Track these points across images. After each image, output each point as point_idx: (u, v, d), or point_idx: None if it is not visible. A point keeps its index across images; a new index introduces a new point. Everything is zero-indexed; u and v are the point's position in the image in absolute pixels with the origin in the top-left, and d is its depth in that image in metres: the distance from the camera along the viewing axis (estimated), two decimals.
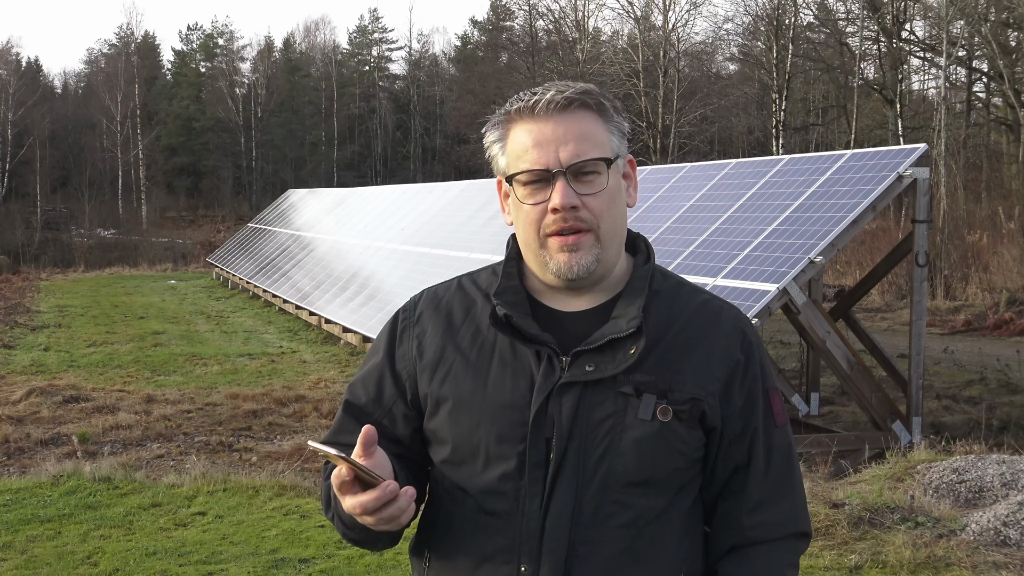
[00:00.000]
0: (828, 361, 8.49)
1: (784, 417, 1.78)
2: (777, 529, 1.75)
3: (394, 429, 1.80)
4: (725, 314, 1.77)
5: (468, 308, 1.79)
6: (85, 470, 7.45)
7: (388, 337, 1.84)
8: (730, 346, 1.73)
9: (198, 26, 79.61)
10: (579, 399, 1.65)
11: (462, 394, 1.71)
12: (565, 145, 1.65)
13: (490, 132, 1.75)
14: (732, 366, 1.72)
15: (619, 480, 1.64)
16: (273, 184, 56.08)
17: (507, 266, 1.78)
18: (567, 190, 1.64)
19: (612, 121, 1.71)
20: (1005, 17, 29.82)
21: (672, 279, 1.80)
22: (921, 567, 5.33)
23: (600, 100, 1.70)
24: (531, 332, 1.68)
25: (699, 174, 10.89)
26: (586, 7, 41.21)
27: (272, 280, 20.99)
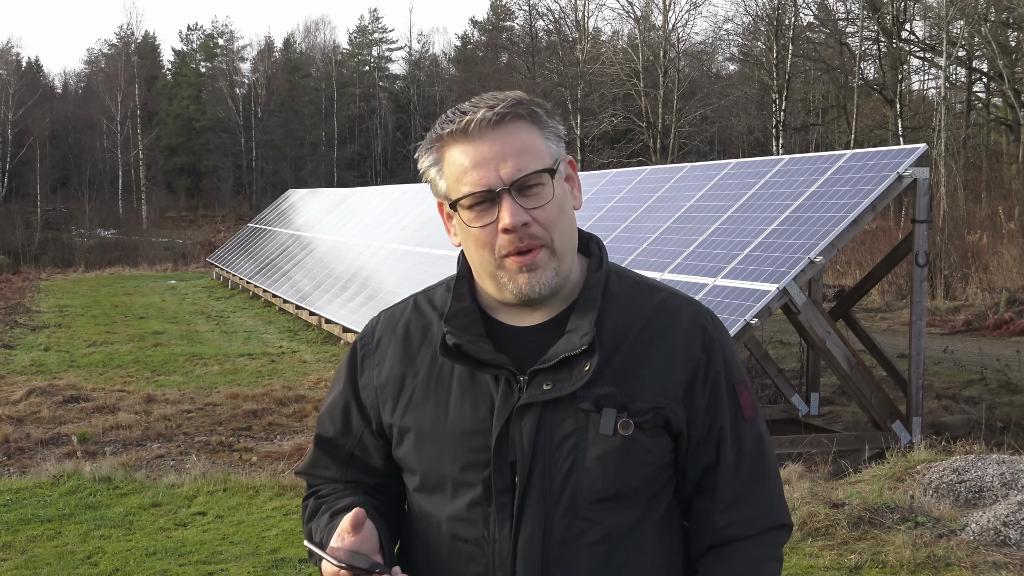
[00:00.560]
0: (828, 361, 8.49)
1: (753, 410, 1.74)
2: (752, 525, 1.72)
3: (367, 459, 1.78)
4: (684, 311, 1.73)
5: (425, 330, 1.75)
6: (85, 470, 7.45)
7: (348, 367, 1.80)
8: (690, 345, 1.69)
9: (198, 26, 79.65)
10: (539, 419, 1.62)
11: (424, 424, 1.68)
12: (504, 162, 1.61)
13: (424, 157, 1.70)
14: (693, 366, 1.68)
15: (587, 498, 1.62)
16: (273, 184, 56.09)
17: (458, 285, 1.73)
18: (515, 208, 1.60)
19: (547, 127, 1.67)
20: (1005, 17, 29.82)
21: (628, 279, 1.76)
22: (921, 567, 5.33)
23: (532, 108, 1.66)
24: (483, 357, 1.65)
25: (699, 174, 10.89)
26: (586, 7, 41.26)
27: (272, 280, 21.00)
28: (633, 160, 35.65)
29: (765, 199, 9.28)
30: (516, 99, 1.65)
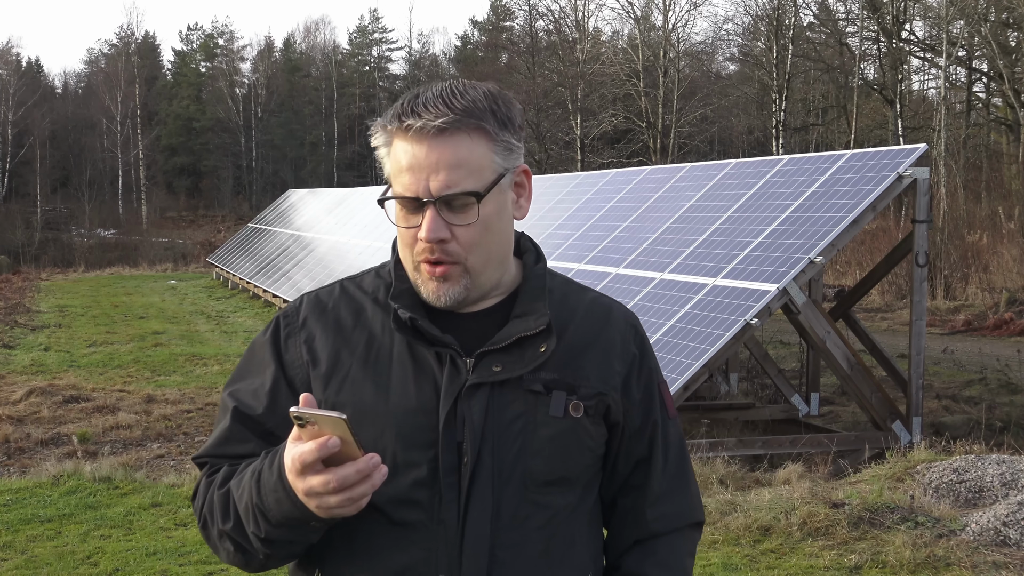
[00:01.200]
0: (828, 361, 8.49)
1: (674, 410, 1.81)
2: (677, 520, 1.77)
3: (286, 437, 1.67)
4: (616, 311, 1.77)
5: (357, 313, 1.72)
6: (85, 470, 7.46)
7: (272, 344, 1.73)
8: (625, 341, 1.73)
9: (198, 26, 79.66)
10: (488, 400, 1.61)
11: (363, 401, 1.64)
12: (436, 174, 1.57)
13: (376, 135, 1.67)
14: (630, 360, 1.73)
15: (536, 479, 1.62)
16: (273, 184, 56.11)
17: (397, 268, 1.71)
18: (434, 223, 1.58)
19: (498, 140, 1.61)
20: (1005, 17, 29.82)
21: (559, 278, 1.77)
22: (921, 567, 5.33)
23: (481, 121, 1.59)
24: (433, 334, 1.63)
25: (699, 174, 10.89)
26: (586, 7, 41.27)
27: (272, 280, 21.00)
28: (633, 160, 35.65)
29: (765, 199, 9.28)
30: (467, 107, 1.59)
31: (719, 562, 5.57)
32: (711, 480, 7.00)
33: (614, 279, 9.92)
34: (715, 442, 7.85)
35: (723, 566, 5.52)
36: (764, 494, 6.56)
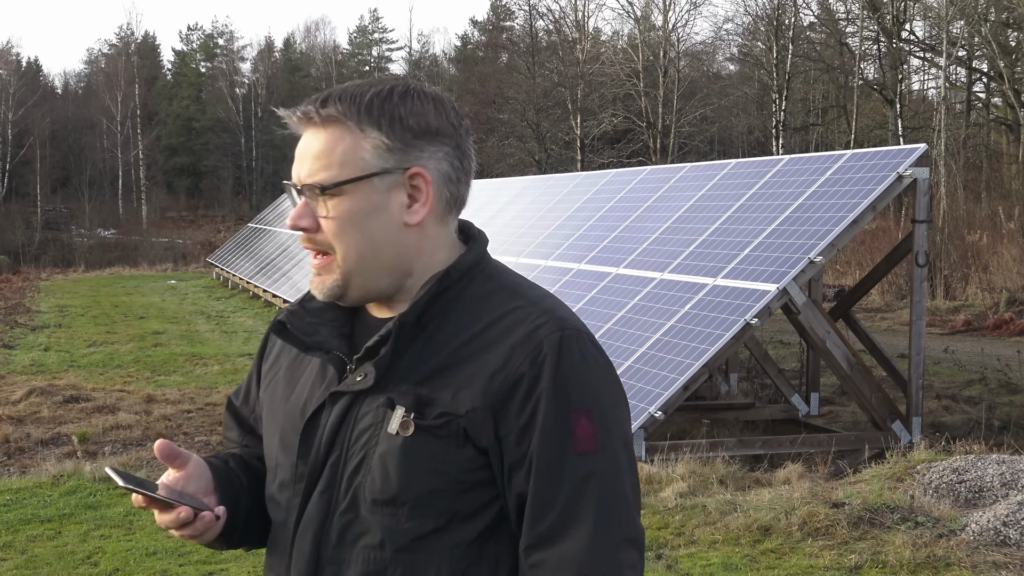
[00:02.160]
0: (828, 361, 8.49)
1: (589, 443, 1.51)
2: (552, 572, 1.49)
3: (259, 429, 1.79)
4: (527, 324, 1.54)
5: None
6: (85, 470, 7.46)
7: (263, 340, 1.84)
8: (515, 358, 1.51)
9: (198, 26, 79.69)
10: (347, 409, 1.57)
11: (273, 400, 1.71)
12: (303, 162, 1.58)
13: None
14: (513, 380, 1.50)
15: (367, 498, 1.53)
16: (273, 184, 56.12)
17: None
18: (300, 210, 1.58)
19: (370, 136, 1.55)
20: (1005, 17, 29.83)
21: (495, 283, 1.62)
22: (921, 567, 5.33)
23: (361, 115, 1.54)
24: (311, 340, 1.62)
25: (699, 174, 10.89)
26: (586, 7, 41.30)
27: (272, 280, 21.00)
28: (633, 160, 35.64)
29: (765, 199, 9.28)
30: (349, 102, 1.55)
31: (719, 562, 5.57)
32: (711, 480, 7.00)
33: (614, 279, 9.92)
34: (715, 442, 7.85)
35: (723, 566, 5.52)
36: (764, 494, 6.56)
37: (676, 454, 7.42)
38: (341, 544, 1.55)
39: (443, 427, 1.51)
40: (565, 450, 1.50)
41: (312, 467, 1.58)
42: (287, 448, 1.63)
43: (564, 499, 1.50)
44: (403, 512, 1.52)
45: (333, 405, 1.59)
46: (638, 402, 7.60)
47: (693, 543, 5.89)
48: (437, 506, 1.52)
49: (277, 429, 1.67)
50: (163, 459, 1.58)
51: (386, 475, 1.52)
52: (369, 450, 1.54)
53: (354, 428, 1.56)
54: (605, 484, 1.51)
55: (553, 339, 1.53)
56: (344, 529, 1.55)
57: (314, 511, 1.57)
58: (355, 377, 1.58)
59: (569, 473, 1.50)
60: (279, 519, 1.64)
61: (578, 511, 1.50)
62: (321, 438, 1.58)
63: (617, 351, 8.42)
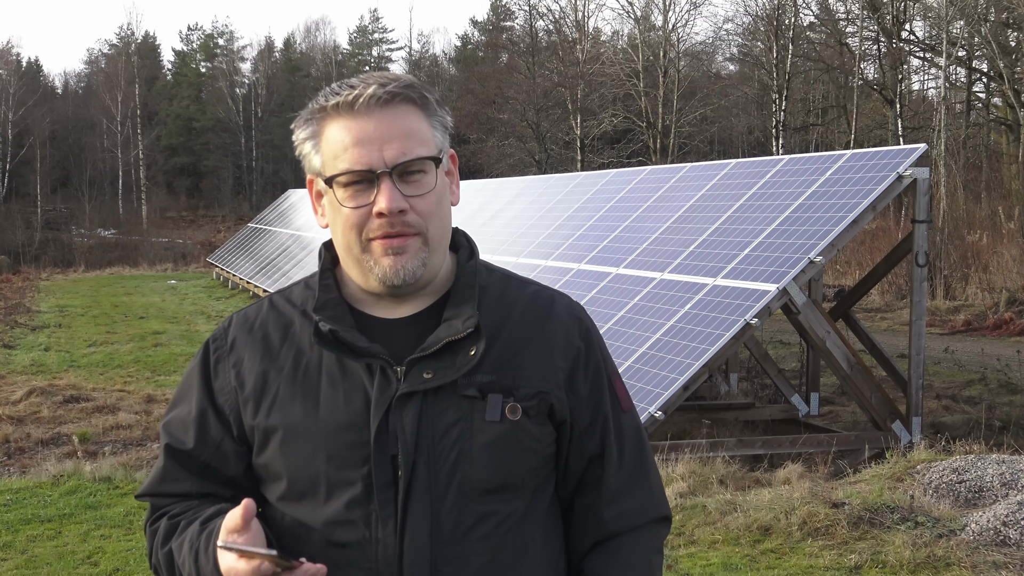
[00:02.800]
0: (828, 361, 8.49)
1: (629, 401, 1.71)
2: (637, 517, 1.67)
3: (225, 470, 1.65)
4: (558, 303, 1.69)
5: (286, 328, 1.65)
6: (85, 470, 7.46)
7: (201, 371, 1.67)
8: (568, 334, 1.65)
9: (198, 26, 79.70)
10: (421, 409, 1.54)
11: (292, 422, 1.57)
12: (389, 143, 1.53)
13: (301, 128, 1.61)
14: (574, 355, 1.64)
15: (475, 488, 1.55)
16: (273, 184, 56.10)
17: (323, 278, 1.66)
18: (394, 192, 1.53)
19: (435, 115, 1.60)
20: (1005, 17, 29.82)
21: (497, 273, 1.70)
22: (921, 567, 5.33)
23: (423, 93, 1.58)
24: (359, 345, 1.56)
25: (699, 174, 10.89)
26: (586, 7, 41.27)
27: (272, 280, 21.00)
28: (633, 160, 35.64)
29: (765, 199, 9.28)
30: (408, 81, 1.58)
31: (719, 562, 5.57)
32: (711, 480, 7.00)
33: (614, 279, 9.92)
34: (715, 442, 7.85)
35: (723, 566, 5.52)
36: (764, 494, 6.56)
37: (676, 454, 7.42)
38: (454, 540, 1.55)
39: (536, 406, 1.59)
40: (618, 410, 1.69)
41: (404, 472, 1.53)
42: (346, 465, 1.55)
43: (629, 453, 1.69)
44: (510, 495, 1.58)
45: (402, 408, 1.55)
46: (638, 402, 7.60)
47: (693, 543, 5.89)
48: (530, 484, 1.61)
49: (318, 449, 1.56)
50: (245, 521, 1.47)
51: (495, 463, 1.56)
52: (465, 443, 1.55)
53: (435, 426, 1.55)
54: (644, 435, 1.74)
55: (585, 316, 1.71)
56: (455, 524, 1.55)
57: (420, 514, 1.53)
58: (420, 376, 1.55)
59: (626, 429, 1.69)
60: (352, 539, 1.54)
61: (642, 461, 1.70)
62: (406, 442, 1.53)
63: (617, 351, 8.42)
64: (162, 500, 1.68)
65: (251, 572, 1.45)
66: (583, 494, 1.68)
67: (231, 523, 1.48)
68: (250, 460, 1.65)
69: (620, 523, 1.66)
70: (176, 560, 1.60)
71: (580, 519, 1.68)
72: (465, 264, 1.66)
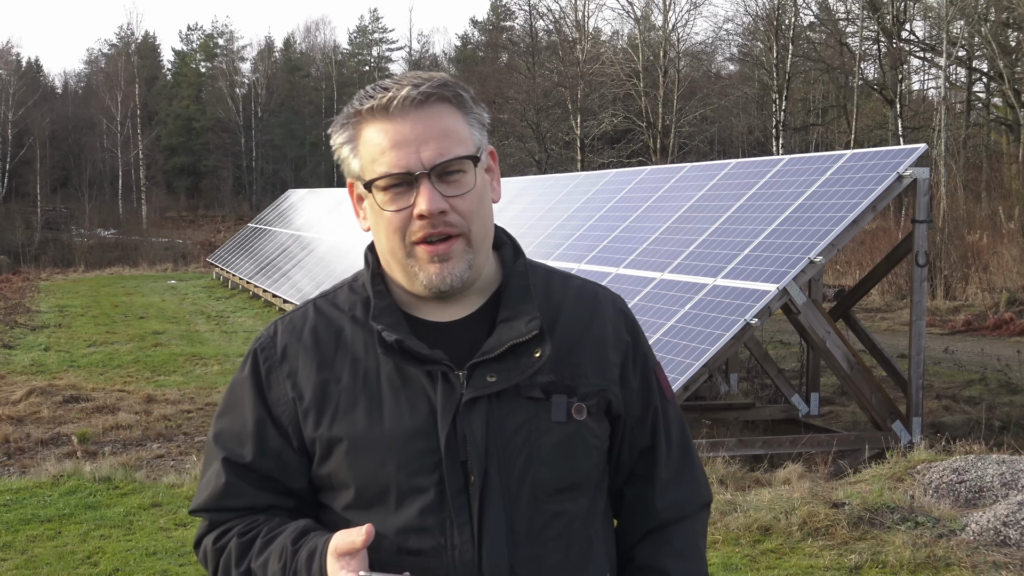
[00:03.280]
0: (828, 361, 8.49)
1: (671, 392, 1.75)
2: (687, 505, 1.72)
3: (287, 481, 1.63)
4: (603, 297, 1.70)
5: (337, 335, 1.62)
6: (85, 470, 7.46)
7: (252, 381, 1.63)
8: (617, 329, 1.67)
9: (198, 26, 79.71)
10: (487, 413, 1.54)
11: (357, 432, 1.55)
12: (427, 144, 1.52)
13: (338, 133, 1.61)
14: (624, 349, 1.66)
15: (546, 489, 1.56)
16: (273, 184, 56.10)
17: (374, 283, 1.63)
18: (433, 194, 1.52)
19: (471, 113, 1.59)
20: (1005, 17, 29.82)
21: (540, 269, 1.69)
22: (921, 567, 5.33)
23: (458, 92, 1.57)
24: (423, 353, 1.54)
25: (699, 174, 10.89)
26: (586, 7, 41.26)
27: (272, 280, 21.00)
28: (633, 160, 35.64)
29: (765, 199, 9.28)
30: (442, 80, 1.57)
31: (719, 562, 5.57)
32: (711, 480, 7.00)
33: (614, 279, 9.92)
34: (715, 442, 7.85)
35: (723, 566, 5.52)
36: (764, 494, 6.56)
37: None
38: (530, 541, 1.56)
39: (598, 404, 1.61)
40: (664, 400, 1.72)
41: (477, 477, 1.53)
42: (415, 472, 1.54)
43: (677, 442, 1.72)
44: (578, 493, 1.61)
45: (469, 412, 1.54)
46: None
47: None
48: (594, 480, 1.64)
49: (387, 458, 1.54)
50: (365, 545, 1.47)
51: (564, 463, 1.58)
52: (533, 444, 1.56)
53: (502, 429, 1.55)
54: (686, 423, 1.77)
55: (626, 308, 1.73)
56: (529, 526, 1.56)
57: (495, 517, 1.54)
58: (484, 379, 1.55)
59: (672, 419, 1.73)
60: (426, 546, 1.53)
61: (688, 449, 1.74)
62: (476, 447, 1.53)
63: None
64: (222, 515, 1.65)
65: None
66: (634, 485, 1.71)
67: (345, 546, 1.48)
68: (310, 471, 1.62)
69: (671, 512, 1.70)
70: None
71: (631, 509, 1.72)
72: (513, 263, 1.65)
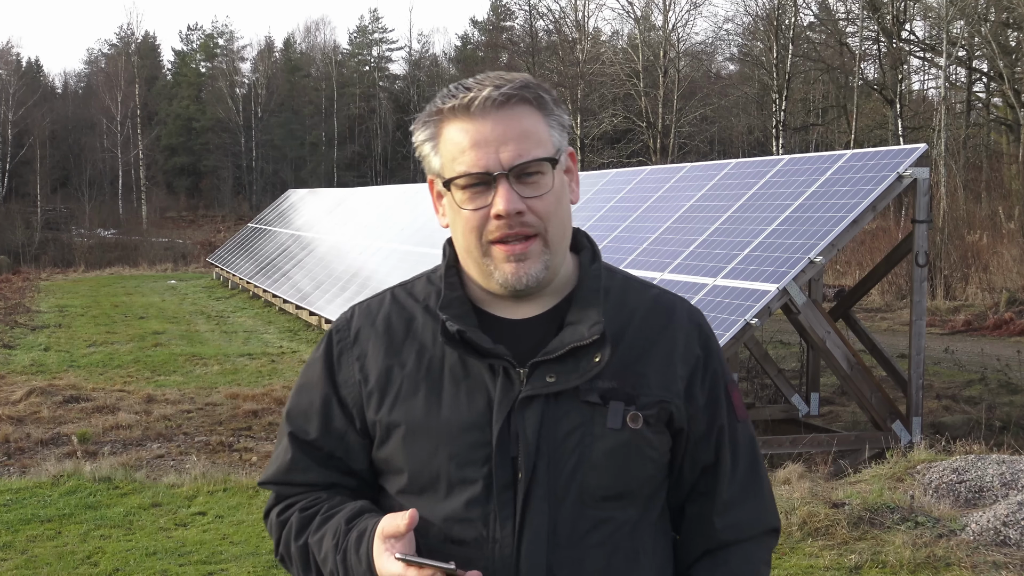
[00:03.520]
0: (828, 361, 8.49)
1: (744, 411, 1.71)
2: (749, 528, 1.68)
3: (349, 461, 1.67)
4: (679, 309, 1.68)
5: (408, 323, 1.66)
6: (85, 470, 7.45)
7: (324, 361, 1.69)
8: (689, 342, 1.65)
9: (198, 26, 79.71)
10: (543, 412, 1.55)
11: (415, 418, 1.59)
12: (506, 145, 1.54)
13: (420, 130, 1.63)
14: (693, 363, 1.64)
15: (593, 495, 1.56)
16: (273, 184, 56.09)
17: (448, 275, 1.67)
18: (511, 194, 1.54)
19: (552, 115, 1.60)
20: (1005, 17, 29.81)
21: (619, 275, 1.70)
22: (921, 567, 5.33)
23: (539, 93, 1.59)
24: (485, 346, 1.57)
25: (699, 174, 10.89)
26: (586, 7, 41.26)
27: (272, 280, 20.99)
28: (633, 160, 35.64)
29: (765, 199, 9.28)
30: (523, 81, 1.59)
31: None
32: None
33: None
34: None
35: None
36: None
37: None
38: (571, 544, 1.56)
39: (656, 415, 1.59)
40: (733, 419, 1.69)
41: (524, 474, 1.54)
42: (468, 464, 1.56)
43: (743, 463, 1.69)
44: (627, 502, 1.59)
45: (524, 410, 1.55)
46: None
47: None
48: (647, 491, 1.62)
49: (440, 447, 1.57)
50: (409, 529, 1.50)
51: (615, 470, 1.57)
52: (585, 449, 1.55)
53: (556, 430, 1.55)
54: (758, 445, 1.73)
55: (705, 323, 1.71)
56: (573, 528, 1.56)
57: (538, 517, 1.54)
58: (543, 379, 1.56)
59: (741, 439, 1.69)
60: (470, 537, 1.56)
61: (754, 472, 1.70)
62: (527, 444, 1.54)
63: None
64: (287, 489, 1.70)
65: None
66: (695, 502, 1.69)
67: (391, 529, 1.50)
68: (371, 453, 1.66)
69: (731, 533, 1.67)
70: (315, 555, 1.62)
71: (691, 527, 1.69)
72: (588, 267, 1.66)
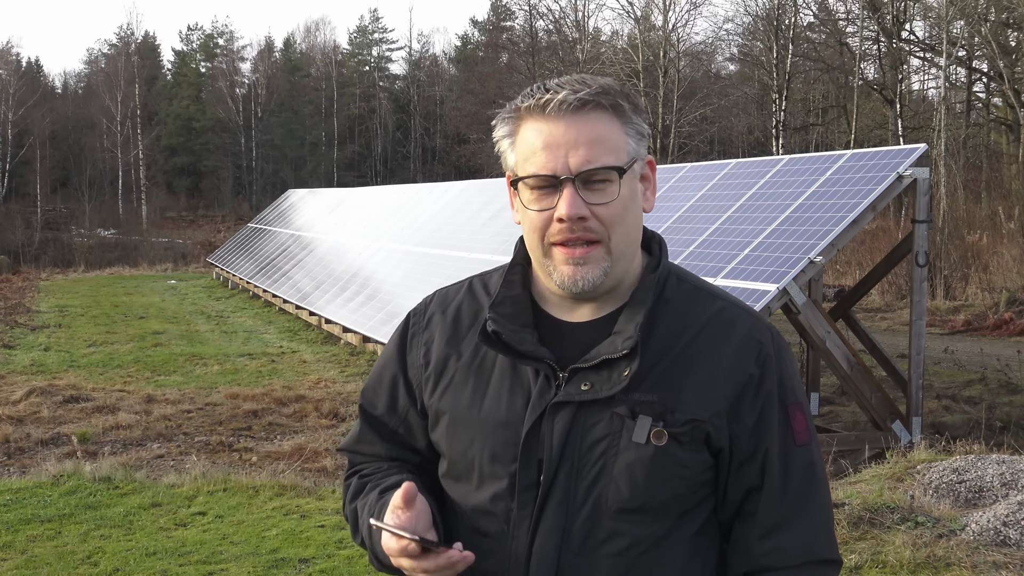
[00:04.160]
0: (828, 361, 8.49)
1: (807, 435, 1.64)
2: (793, 556, 1.60)
3: (411, 439, 1.75)
4: (740, 324, 1.63)
5: (476, 314, 1.70)
6: (85, 470, 7.45)
7: (399, 342, 1.77)
8: (742, 360, 1.60)
9: (198, 26, 79.70)
10: (572, 420, 1.56)
11: (459, 408, 1.64)
12: (576, 150, 1.55)
13: (500, 126, 1.66)
14: (743, 382, 1.59)
15: (610, 507, 1.56)
16: (273, 184, 56.10)
17: (510, 272, 1.69)
18: (575, 199, 1.54)
19: (630, 123, 1.60)
20: (1005, 17, 29.81)
21: (688, 284, 1.67)
22: (921, 567, 5.33)
23: (617, 100, 1.59)
24: (523, 348, 1.60)
25: (699, 174, 10.89)
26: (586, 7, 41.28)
27: (272, 280, 20.99)
28: None
29: (765, 199, 9.28)
30: (603, 87, 1.59)
31: None
32: None
33: None
34: None
35: None
36: None
37: None
38: (583, 552, 1.56)
39: (689, 433, 1.56)
40: (789, 443, 1.62)
41: (545, 478, 1.56)
42: (498, 460, 1.60)
43: (794, 489, 1.61)
44: (646, 518, 1.57)
45: (555, 415, 1.57)
46: None
47: None
48: (674, 509, 1.59)
49: (476, 439, 1.62)
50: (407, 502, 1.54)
51: (634, 484, 1.55)
52: (608, 460, 1.56)
53: (583, 438, 1.56)
54: (821, 471, 1.65)
55: (769, 338, 1.64)
56: (586, 537, 1.56)
57: (552, 521, 1.56)
58: (578, 386, 1.57)
59: (795, 463, 1.62)
60: (492, 529, 1.60)
61: (806, 498, 1.62)
62: (551, 449, 1.56)
63: None
64: (357, 457, 1.82)
65: (399, 551, 1.54)
66: (740, 522, 1.64)
67: (395, 500, 1.56)
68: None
69: (771, 559, 1.61)
70: (360, 518, 1.72)
71: (733, 548, 1.66)
72: (648, 275, 1.64)
